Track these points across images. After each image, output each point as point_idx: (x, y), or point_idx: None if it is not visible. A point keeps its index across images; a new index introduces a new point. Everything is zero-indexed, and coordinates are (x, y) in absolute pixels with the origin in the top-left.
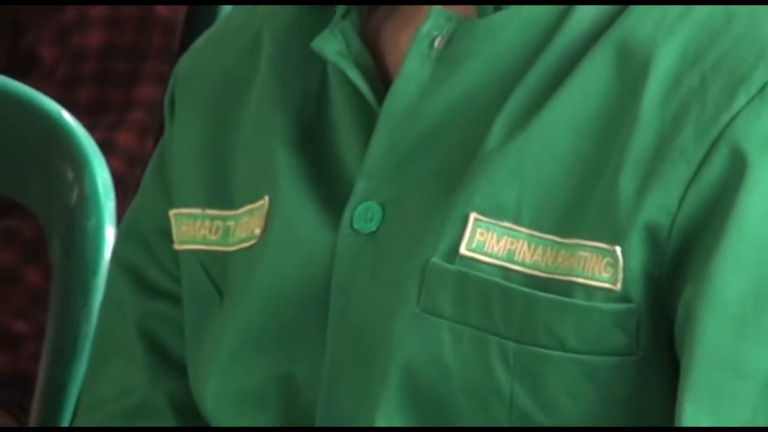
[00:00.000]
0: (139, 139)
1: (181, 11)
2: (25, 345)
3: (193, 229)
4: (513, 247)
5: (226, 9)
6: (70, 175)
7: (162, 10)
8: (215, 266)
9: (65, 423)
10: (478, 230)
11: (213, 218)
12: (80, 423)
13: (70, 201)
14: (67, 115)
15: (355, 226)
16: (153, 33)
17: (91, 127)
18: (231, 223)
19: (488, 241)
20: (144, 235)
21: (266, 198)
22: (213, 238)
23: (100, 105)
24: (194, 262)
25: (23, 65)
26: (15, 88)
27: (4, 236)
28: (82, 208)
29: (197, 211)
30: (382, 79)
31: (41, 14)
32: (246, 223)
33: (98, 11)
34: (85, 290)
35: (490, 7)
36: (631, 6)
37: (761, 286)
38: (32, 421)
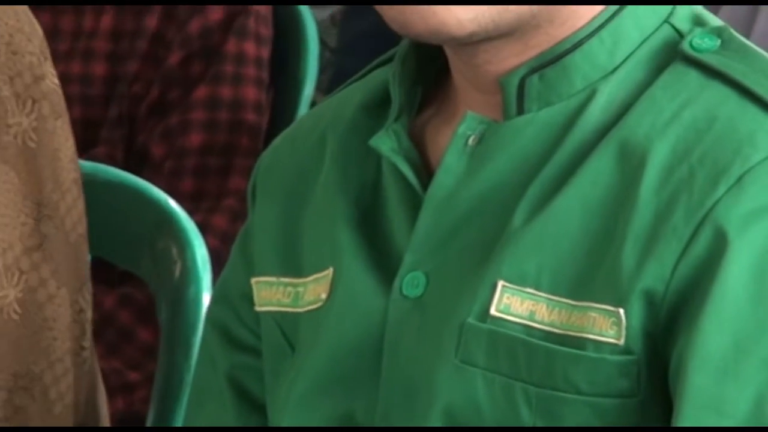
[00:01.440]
0: (230, 221)
1: (264, 118)
2: (138, 390)
3: (270, 293)
4: (534, 309)
5: (300, 114)
6: (174, 251)
7: (250, 116)
8: (288, 325)
9: None
10: (505, 295)
11: (286, 285)
12: None
13: (175, 272)
14: (172, 202)
15: (404, 292)
16: (242, 135)
17: (191, 212)
18: (300, 288)
19: (513, 304)
20: (232, 300)
21: (331, 268)
22: (286, 301)
23: (199, 194)
24: (271, 322)
25: (138, 161)
26: (131, 180)
27: (122, 300)
28: (185, 279)
29: (273, 279)
30: (425, 169)
31: (152, 119)
32: (313, 289)
33: (198, 116)
34: (186, 346)
35: (514, 112)
36: (630, 109)
37: (739, 342)
38: None
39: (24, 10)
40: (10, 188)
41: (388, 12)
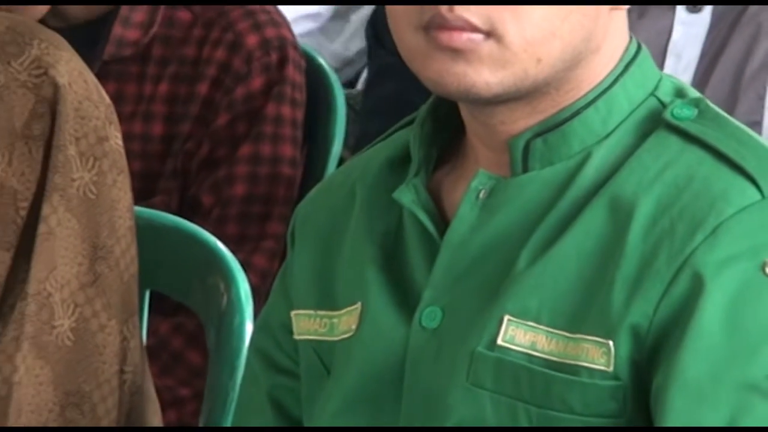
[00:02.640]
0: (269, 261)
1: (299, 171)
2: (188, 406)
3: (307, 324)
4: (535, 339)
5: (329, 169)
6: (222, 286)
7: (286, 170)
8: (323, 351)
9: None
10: (510, 327)
11: (322, 317)
12: None
13: (222, 304)
14: (219, 244)
15: (423, 324)
16: (280, 186)
17: (235, 252)
18: (335, 320)
19: (517, 335)
20: (273, 329)
21: (360, 303)
22: (323, 330)
23: (242, 237)
24: (309, 348)
25: (190, 208)
26: (184, 225)
27: (175, 328)
28: (230, 310)
29: (311, 311)
30: (441, 218)
31: (202, 173)
32: (345, 321)
33: (242, 170)
34: (231, 368)
35: (520, 169)
36: (620, 169)
37: (714, 370)
38: None
39: (94, 80)
40: (71, 233)
41: (425, 73)
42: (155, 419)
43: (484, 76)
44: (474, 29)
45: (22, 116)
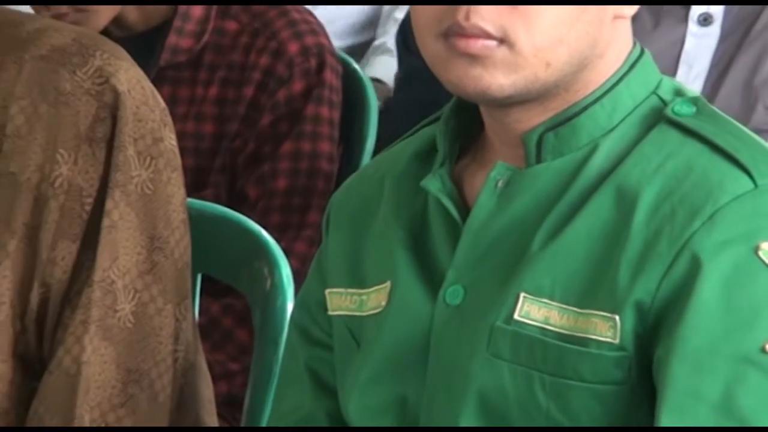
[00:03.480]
0: (309, 247)
1: (335, 166)
2: (237, 378)
3: (339, 301)
4: (548, 314)
5: (363, 163)
6: (265, 270)
7: (324, 165)
8: (354, 326)
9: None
10: (526, 303)
11: (352, 294)
12: (271, 428)
13: (266, 287)
14: (264, 233)
15: (447, 301)
16: (318, 180)
17: (278, 240)
18: (364, 297)
19: (532, 311)
20: (309, 307)
21: (389, 281)
22: (352, 306)
23: (285, 226)
24: (341, 323)
25: (237, 201)
26: (233, 215)
27: (225, 309)
28: (273, 292)
29: (342, 290)
30: (463, 205)
31: (248, 168)
32: (374, 298)
33: (284, 165)
34: (275, 344)
35: (534, 161)
36: (624, 160)
37: (711, 342)
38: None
39: (150, 87)
40: (131, 226)
41: (446, 76)
42: (207, 392)
43: (498, 79)
44: (488, 36)
45: (86, 120)
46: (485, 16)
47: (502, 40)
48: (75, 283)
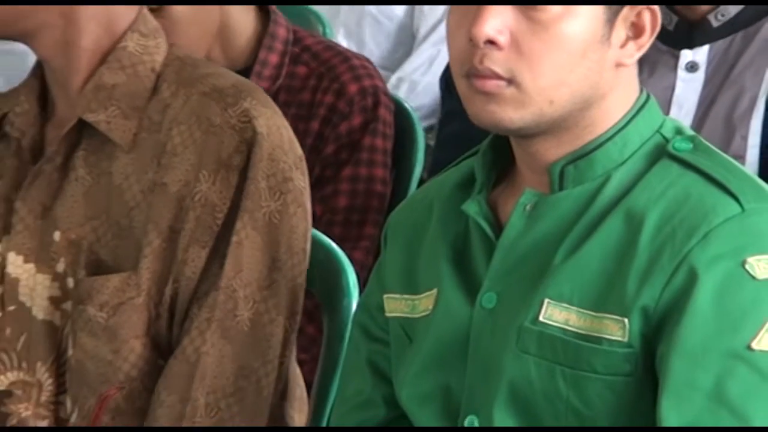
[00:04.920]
0: (365, 255)
1: (388, 189)
2: (306, 366)
3: (395, 305)
4: (568, 317)
5: (412, 188)
6: (334, 275)
7: (378, 187)
8: (407, 325)
9: (328, 410)
10: (549, 307)
11: (406, 299)
12: (336, 411)
13: (334, 289)
14: (334, 244)
15: (483, 305)
16: (373, 200)
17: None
18: (416, 302)
19: (554, 314)
20: (370, 309)
21: (435, 289)
22: (406, 310)
23: (345, 237)
24: (396, 323)
25: None
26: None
27: None
28: (339, 294)
29: (398, 295)
30: (497, 225)
31: (314, 189)
32: (424, 303)
33: (344, 187)
34: (340, 338)
35: (557, 188)
36: (633, 188)
37: (705, 341)
38: (310, 409)
39: (290, 135)
40: (255, 246)
41: (469, 110)
42: (298, 390)
43: (509, 113)
44: (499, 77)
45: (228, 150)
46: (496, 61)
47: (511, 81)
48: (203, 285)
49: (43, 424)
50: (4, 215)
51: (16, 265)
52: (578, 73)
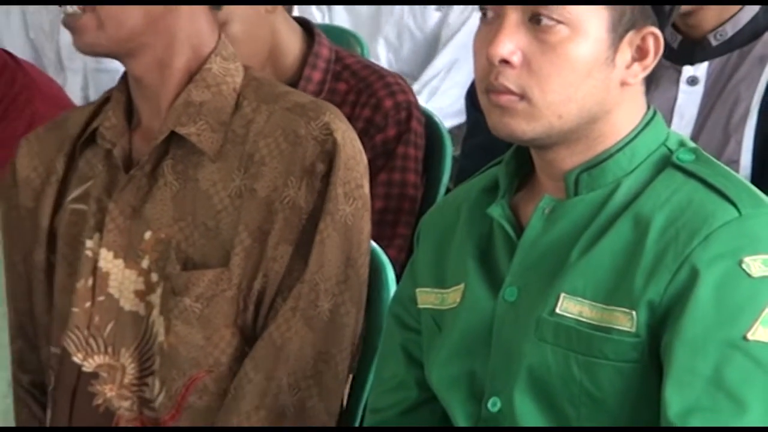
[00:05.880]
0: (398, 252)
1: (419, 193)
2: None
3: (426, 297)
4: (581, 309)
5: (440, 193)
6: (374, 270)
7: (410, 191)
8: (437, 316)
9: (366, 391)
10: (565, 301)
11: (436, 293)
12: (373, 391)
13: (374, 282)
14: (374, 244)
15: (505, 298)
16: (405, 202)
17: None
18: (444, 295)
19: (569, 306)
20: (404, 301)
21: (462, 284)
22: (436, 302)
23: (380, 236)
24: (427, 314)
25: None
26: None
27: None
28: (378, 286)
29: (429, 289)
30: (518, 227)
31: None
32: (452, 296)
33: (380, 191)
34: (379, 327)
35: (572, 194)
36: (640, 195)
37: (705, 332)
38: (347, 393)
39: (359, 147)
40: (335, 245)
41: (488, 122)
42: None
43: (522, 125)
44: (511, 93)
45: (311, 158)
46: (509, 78)
47: (523, 96)
48: (288, 279)
49: (126, 404)
50: (96, 215)
51: (107, 260)
52: (584, 91)
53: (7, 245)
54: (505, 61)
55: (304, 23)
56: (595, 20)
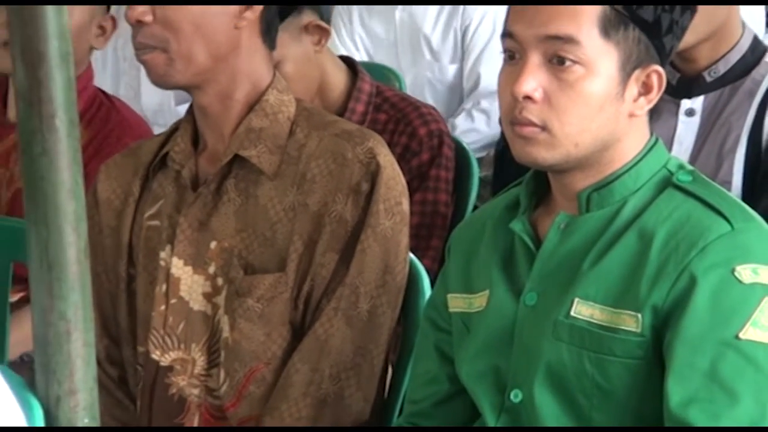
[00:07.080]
0: (432, 262)
1: (450, 210)
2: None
3: (456, 302)
4: (593, 312)
5: (468, 211)
6: (411, 278)
7: (442, 209)
8: (465, 319)
9: (405, 384)
10: (578, 305)
11: (464, 298)
12: (410, 384)
13: (411, 290)
14: (412, 255)
15: (526, 303)
16: (438, 218)
17: None
18: (472, 300)
19: (582, 310)
20: (437, 305)
21: (488, 290)
22: (465, 306)
23: (416, 248)
24: (457, 317)
25: None
26: None
27: None
28: (414, 292)
29: (458, 295)
30: (537, 240)
31: None
32: (478, 301)
33: (416, 209)
34: (415, 329)
35: (584, 211)
36: (644, 212)
37: (702, 332)
38: (388, 386)
39: (398, 169)
40: (375, 255)
41: (514, 150)
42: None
43: (542, 153)
44: (534, 125)
45: (356, 178)
46: (532, 111)
47: (544, 128)
48: (332, 283)
49: (195, 392)
50: (167, 229)
51: (178, 267)
52: (598, 122)
53: (91, 258)
54: (528, 97)
55: (348, 62)
56: (607, 61)
